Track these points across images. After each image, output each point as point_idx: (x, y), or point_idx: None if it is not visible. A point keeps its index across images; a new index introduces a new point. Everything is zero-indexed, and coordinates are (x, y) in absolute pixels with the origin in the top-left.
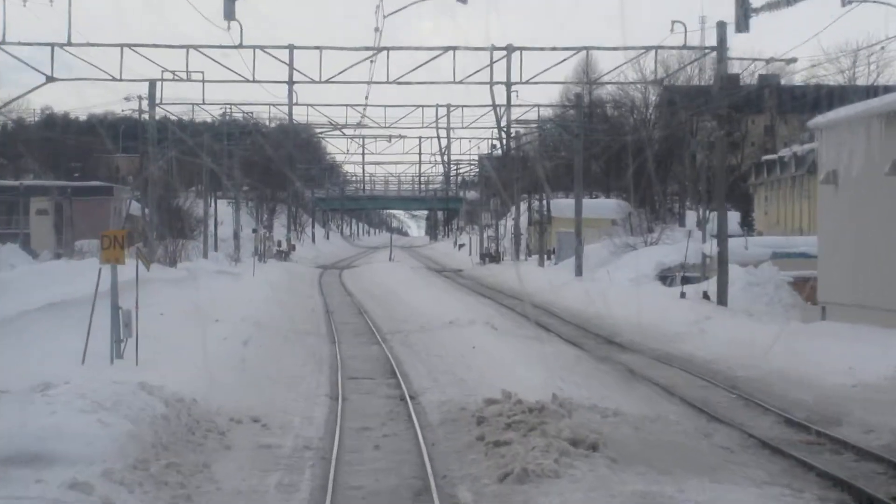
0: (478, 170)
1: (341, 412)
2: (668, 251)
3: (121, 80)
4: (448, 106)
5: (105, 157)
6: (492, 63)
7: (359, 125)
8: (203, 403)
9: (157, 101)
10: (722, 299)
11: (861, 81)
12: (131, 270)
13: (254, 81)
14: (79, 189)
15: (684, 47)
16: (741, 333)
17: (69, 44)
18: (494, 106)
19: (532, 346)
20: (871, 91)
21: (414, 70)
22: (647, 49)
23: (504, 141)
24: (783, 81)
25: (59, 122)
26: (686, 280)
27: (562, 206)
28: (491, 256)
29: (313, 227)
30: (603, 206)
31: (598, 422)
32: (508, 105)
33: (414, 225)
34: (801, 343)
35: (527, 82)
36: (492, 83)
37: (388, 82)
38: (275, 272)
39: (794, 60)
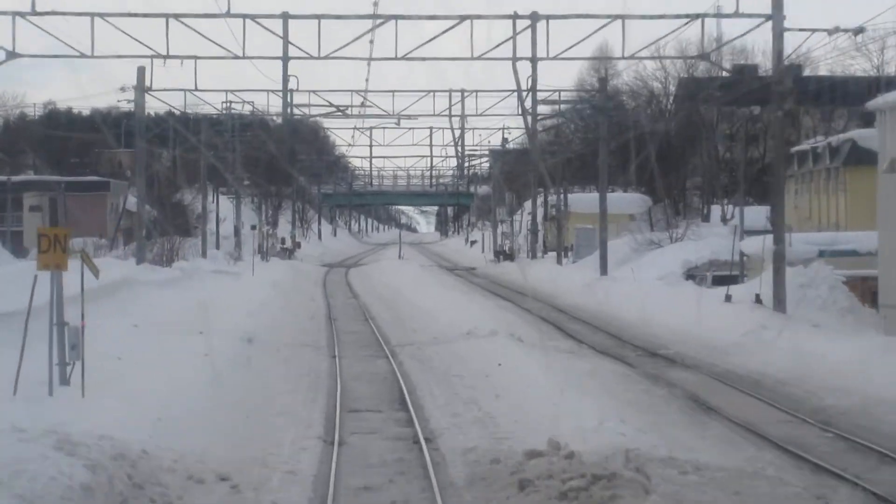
0: (491, 162)
1: (336, 463)
2: (696, 248)
3: (92, 56)
4: (462, 91)
5: (107, 153)
6: (515, 35)
7: (362, 105)
8: (155, 455)
9: (148, 86)
10: (779, 304)
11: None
12: (113, 272)
13: (244, 58)
14: (74, 185)
15: (737, 14)
16: (810, 346)
17: (34, 13)
18: (518, 89)
19: (567, 362)
20: None
21: (425, 44)
22: (693, 17)
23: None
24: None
25: (63, 118)
26: (721, 280)
27: (579, 200)
28: (505, 254)
29: (319, 223)
30: (622, 201)
31: (679, 481)
32: (534, 87)
33: (423, 221)
34: (893, 360)
35: (555, 58)
36: (515, 59)
37: (395, 58)
38: (277, 272)
39: (861, 30)
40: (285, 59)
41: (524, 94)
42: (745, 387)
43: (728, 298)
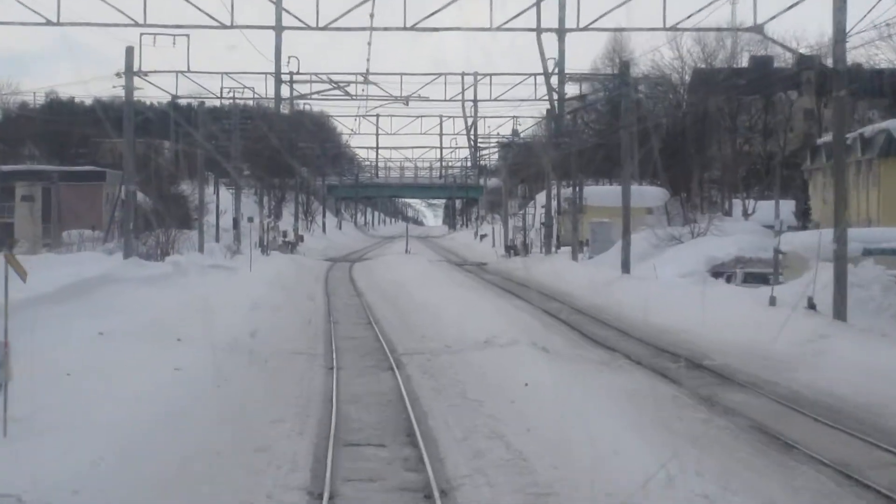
0: (501, 153)
1: None
2: (721, 244)
3: (58, 23)
4: (475, 75)
5: (107, 143)
6: (539, 2)
7: (365, 81)
8: None
9: (139, 69)
10: (839, 312)
11: None
12: (91, 268)
13: (232, 27)
14: (69, 175)
15: None
16: (885, 361)
17: None
18: (544, 61)
19: (602, 378)
20: None
21: (437, 12)
22: None
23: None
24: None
25: (64, 108)
26: (752, 279)
27: (594, 193)
28: (517, 249)
29: (324, 215)
30: (638, 194)
31: None
32: (562, 62)
33: (430, 214)
34: None
35: (585, 28)
36: (539, 29)
37: (403, 28)
38: (276, 267)
39: None
40: (279, 28)
41: (549, 70)
42: (821, 414)
43: (773, 302)
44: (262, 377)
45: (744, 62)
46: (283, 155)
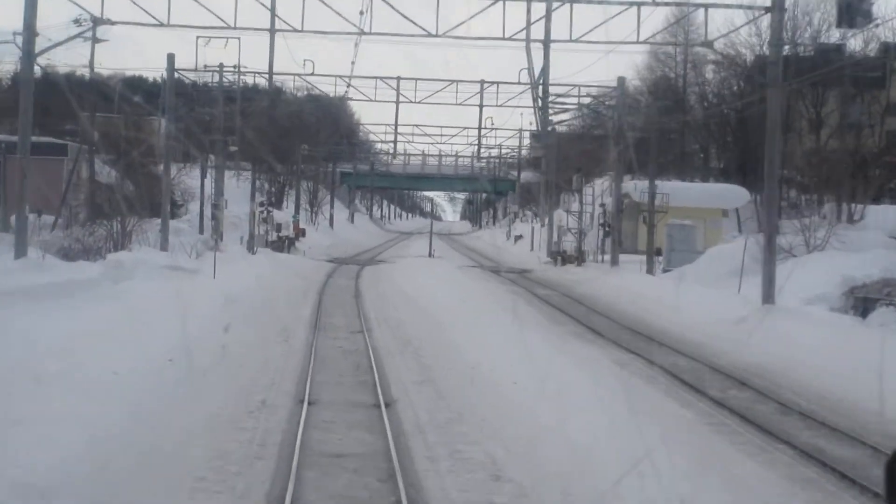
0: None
1: None
2: (858, 261)
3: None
4: (482, 83)
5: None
6: None
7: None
8: None
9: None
10: None
11: None
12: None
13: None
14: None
15: None
16: None
17: None
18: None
19: None
20: None
21: None
22: None
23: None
24: None
25: (61, 80)
26: None
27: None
28: (566, 255)
29: (332, 206)
30: (712, 193)
31: None
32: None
33: (449, 208)
34: None
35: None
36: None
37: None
38: (255, 271)
39: None
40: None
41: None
42: None
43: None
44: None
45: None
46: (285, 135)
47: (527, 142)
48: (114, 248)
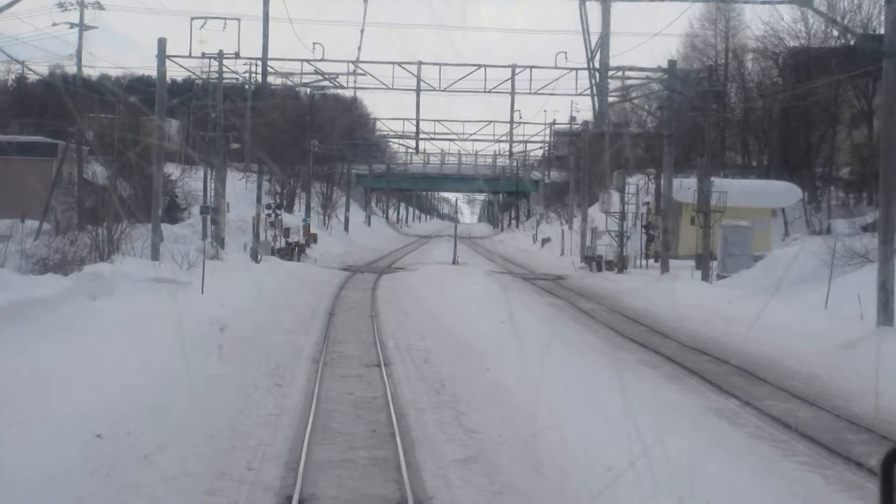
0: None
1: None
2: None
3: None
4: (513, 67)
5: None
6: None
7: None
8: None
9: None
10: None
11: None
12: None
13: None
14: (17, 146)
15: None
16: None
17: None
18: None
19: None
20: None
21: None
22: None
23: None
24: None
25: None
26: None
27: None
28: (601, 260)
29: (347, 208)
30: (761, 191)
31: None
32: None
33: (467, 210)
34: None
35: None
36: None
37: None
38: (255, 282)
39: None
40: None
41: None
42: None
43: None
44: None
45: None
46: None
47: (552, 139)
48: (99, 257)
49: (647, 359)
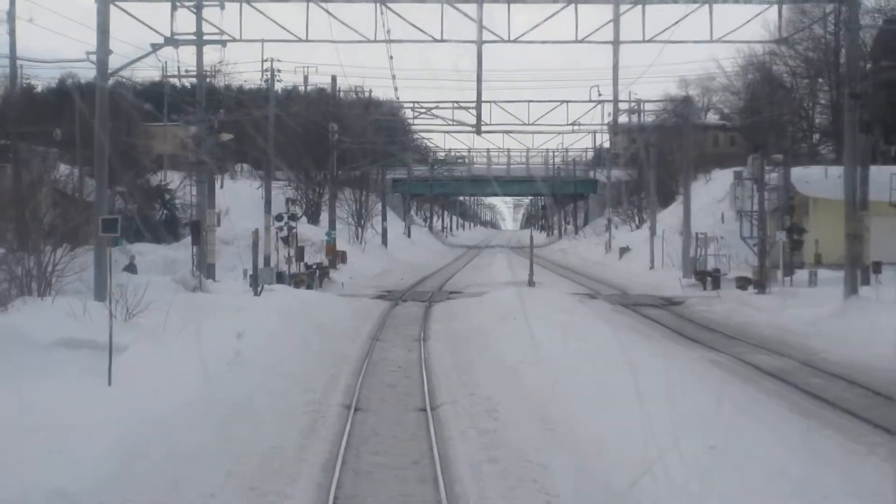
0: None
1: None
2: None
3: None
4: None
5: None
6: None
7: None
8: None
9: None
10: None
11: None
12: None
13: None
14: None
15: None
16: None
17: None
18: None
19: None
20: None
21: None
22: None
23: None
24: None
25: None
26: None
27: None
28: (719, 277)
29: (384, 218)
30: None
31: None
32: None
33: (509, 215)
34: None
35: None
36: None
37: None
38: (223, 346)
39: None
40: None
41: None
42: None
43: None
44: None
45: None
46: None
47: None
48: (20, 293)
49: None
